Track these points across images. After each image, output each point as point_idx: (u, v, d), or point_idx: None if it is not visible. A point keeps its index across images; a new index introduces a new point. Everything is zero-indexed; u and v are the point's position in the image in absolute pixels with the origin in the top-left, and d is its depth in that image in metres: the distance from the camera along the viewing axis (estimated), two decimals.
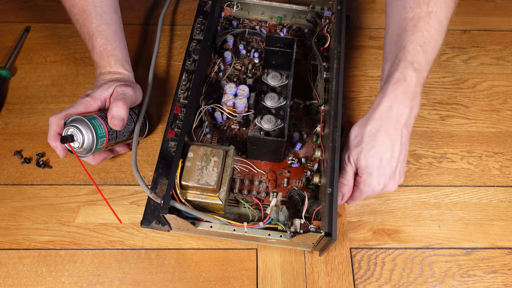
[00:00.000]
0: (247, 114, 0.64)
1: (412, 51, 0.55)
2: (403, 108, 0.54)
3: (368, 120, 0.55)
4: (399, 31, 0.57)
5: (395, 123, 0.54)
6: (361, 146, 0.54)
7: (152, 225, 0.58)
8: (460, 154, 0.68)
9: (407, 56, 0.55)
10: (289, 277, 0.58)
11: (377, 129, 0.54)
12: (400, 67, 0.54)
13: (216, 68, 0.71)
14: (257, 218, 0.59)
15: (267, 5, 0.75)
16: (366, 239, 0.61)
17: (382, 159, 0.53)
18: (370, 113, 0.55)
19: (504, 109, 0.73)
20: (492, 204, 0.64)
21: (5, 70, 0.72)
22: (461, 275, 0.59)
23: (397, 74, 0.54)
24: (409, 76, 0.54)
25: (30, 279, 0.57)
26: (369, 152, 0.54)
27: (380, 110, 0.54)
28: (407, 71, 0.54)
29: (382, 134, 0.53)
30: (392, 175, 0.54)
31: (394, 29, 0.58)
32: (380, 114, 0.54)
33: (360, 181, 0.55)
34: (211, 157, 0.55)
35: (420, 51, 0.55)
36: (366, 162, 0.54)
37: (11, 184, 0.64)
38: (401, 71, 0.54)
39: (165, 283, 0.57)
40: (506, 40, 0.81)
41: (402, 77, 0.54)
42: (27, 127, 0.69)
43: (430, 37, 0.55)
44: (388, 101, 0.54)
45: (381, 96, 0.55)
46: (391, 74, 0.55)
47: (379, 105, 0.54)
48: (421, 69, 0.55)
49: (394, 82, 0.54)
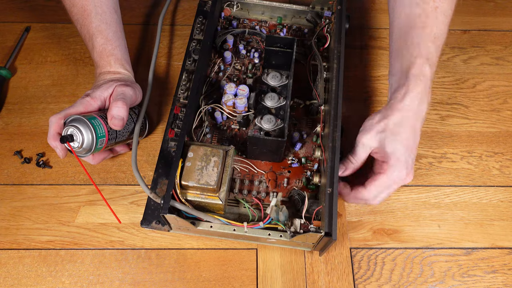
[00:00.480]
0: (247, 114, 0.64)
1: (425, 48, 0.56)
2: (424, 104, 0.56)
3: (392, 110, 0.55)
4: (407, 28, 0.58)
5: (417, 116, 0.55)
6: (386, 133, 0.54)
7: (152, 225, 0.58)
8: (460, 154, 0.68)
9: (423, 53, 0.56)
10: (289, 277, 0.58)
11: (402, 119, 0.55)
12: (417, 63, 0.56)
13: (216, 68, 0.71)
14: (257, 218, 0.59)
15: (267, 5, 0.75)
16: (366, 239, 0.61)
17: (407, 147, 0.54)
18: (393, 105, 0.56)
19: (504, 109, 0.73)
20: (492, 204, 0.64)
21: (5, 70, 0.72)
22: (461, 275, 0.59)
23: (416, 71, 0.56)
24: (426, 72, 0.56)
25: (30, 279, 0.57)
26: (395, 137, 0.54)
27: (404, 103, 0.55)
28: (425, 68, 0.56)
29: (407, 125, 0.55)
30: (412, 165, 0.55)
31: (401, 25, 0.59)
32: (404, 107, 0.55)
33: (387, 167, 0.54)
34: (211, 157, 0.55)
35: (432, 47, 0.57)
36: (393, 148, 0.54)
37: (11, 184, 0.64)
38: (419, 68, 0.56)
39: (165, 283, 0.57)
40: (506, 40, 0.81)
41: (421, 73, 0.56)
42: (27, 127, 0.69)
43: (439, 32, 0.57)
44: (411, 96, 0.55)
45: (404, 92, 0.55)
46: (409, 70, 0.56)
47: (403, 99, 0.55)
48: (433, 65, 0.57)
49: (414, 79, 0.55)
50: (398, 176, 0.54)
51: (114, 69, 0.62)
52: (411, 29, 0.58)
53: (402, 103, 0.55)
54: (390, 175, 0.54)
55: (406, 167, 0.54)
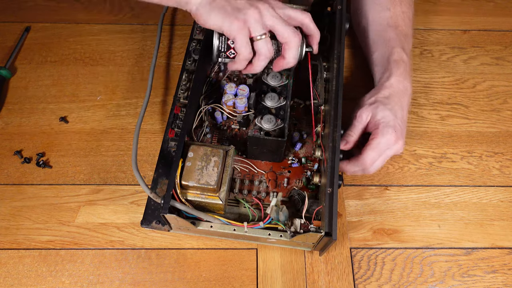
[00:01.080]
0: (247, 114, 0.64)
1: (399, 40, 0.67)
2: (406, 83, 0.64)
3: (380, 88, 0.63)
4: (382, 27, 0.69)
5: (404, 92, 0.63)
6: (377, 103, 0.61)
7: (152, 225, 0.58)
8: (460, 154, 0.68)
9: (398, 44, 0.66)
10: (289, 277, 0.58)
11: (390, 94, 0.62)
12: (395, 51, 0.66)
13: (216, 68, 0.71)
14: (257, 218, 0.59)
15: None
16: (366, 239, 0.61)
17: (396, 114, 0.60)
18: (381, 84, 0.64)
19: (504, 109, 0.73)
20: (492, 204, 0.64)
21: (5, 70, 0.72)
22: (461, 275, 0.59)
23: (395, 57, 0.65)
24: (404, 58, 0.65)
25: (30, 279, 0.57)
26: (385, 107, 0.60)
27: (390, 82, 0.63)
28: (402, 55, 0.65)
29: (395, 97, 0.62)
30: (402, 132, 0.60)
31: (376, 25, 0.70)
32: (391, 84, 0.63)
33: (378, 131, 0.59)
34: (211, 157, 0.55)
35: (404, 41, 0.67)
36: (383, 114, 0.59)
37: (11, 184, 0.64)
38: (398, 55, 0.65)
39: (165, 283, 0.57)
40: (506, 40, 0.81)
41: (400, 59, 0.65)
42: (27, 127, 0.69)
43: (408, 31, 0.69)
44: (395, 76, 0.63)
45: (388, 74, 0.64)
46: (390, 57, 0.65)
47: (388, 79, 0.63)
48: (408, 55, 0.67)
49: (396, 63, 0.64)
50: (389, 139, 0.59)
51: None
52: (386, 27, 0.69)
53: (388, 82, 0.63)
54: (381, 138, 0.58)
55: (395, 131, 0.59)
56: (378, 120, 0.59)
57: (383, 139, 0.58)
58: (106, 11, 0.82)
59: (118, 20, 0.81)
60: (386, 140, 0.58)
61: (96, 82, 0.73)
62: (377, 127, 0.59)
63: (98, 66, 0.75)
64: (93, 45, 0.78)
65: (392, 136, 0.58)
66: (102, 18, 0.81)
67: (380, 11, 0.70)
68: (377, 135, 0.59)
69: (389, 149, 0.59)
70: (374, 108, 0.60)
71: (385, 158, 0.60)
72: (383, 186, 0.65)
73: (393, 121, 0.59)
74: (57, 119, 0.69)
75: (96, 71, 0.74)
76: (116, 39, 0.78)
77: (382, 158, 0.60)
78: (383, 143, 0.58)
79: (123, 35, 0.79)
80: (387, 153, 0.60)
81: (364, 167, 0.60)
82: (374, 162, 0.59)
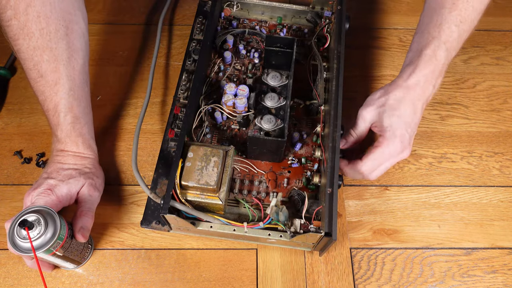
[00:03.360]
0: (247, 114, 0.64)
1: (447, 30, 0.56)
2: (429, 85, 0.56)
3: (395, 87, 0.57)
4: (435, 7, 0.58)
5: (420, 95, 0.56)
6: (385, 107, 0.56)
7: (152, 225, 0.58)
8: (460, 154, 0.68)
9: (442, 35, 0.56)
10: (289, 277, 0.58)
11: (402, 96, 0.56)
12: (432, 44, 0.56)
13: (216, 68, 0.71)
14: (257, 218, 0.59)
15: (267, 5, 0.75)
16: (366, 239, 0.61)
17: (405, 122, 0.55)
18: (397, 82, 0.57)
19: (504, 109, 0.73)
20: (492, 204, 0.64)
21: (5, 70, 0.72)
22: (461, 275, 0.59)
23: (428, 51, 0.56)
24: (439, 55, 0.56)
25: (30, 279, 0.57)
26: (393, 112, 0.55)
27: (408, 82, 0.56)
28: (439, 51, 0.56)
29: (407, 101, 0.56)
30: (409, 140, 0.56)
31: (431, 4, 0.59)
32: (408, 85, 0.56)
33: (383, 140, 0.56)
34: (211, 157, 0.55)
35: (455, 31, 0.56)
36: (390, 122, 0.55)
37: (11, 184, 0.64)
38: (433, 49, 0.56)
39: (165, 283, 0.57)
40: (506, 40, 0.81)
41: (433, 55, 0.56)
42: (27, 127, 0.69)
43: (467, 17, 0.56)
44: (417, 76, 0.56)
45: (411, 70, 0.56)
46: (423, 50, 0.56)
47: (408, 78, 0.56)
48: (452, 49, 0.57)
49: (425, 59, 0.56)
50: (394, 150, 0.56)
51: (80, 151, 0.58)
52: (438, 9, 0.57)
53: (407, 81, 0.56)
54: (385, 148, 0.56)
55: (402, 141, 0.55)
56: (384, 127, 0.56)
57: (387, 150, 0.55)
58: (106, 11, 0.82)
59: (118, 20, 0.81)
60: (390, 151, 0.56)
61: (96, 82, 0.73)
62: (382, 134, 0.56)
63: (98, 66, 0.75)
64: (93, 45, 0.78)
65: (397, 147, 0.55)
66: (102, 18, 0.81)
67: None
68: (381, 145, 0.56)
69: (393, 159, 0.57)
70: (381, 112, 0.56)
71: (386, 166, 0.57)
72: (383, 186, 0.65)
73: (401, 129, 0.55)
74: None
75: (96, 71, 0.74)
76: (116, 39, 0.78)
77: (383, 167, 0.57)
78: (386, 153, 0.56)
79: (123, 35, 0.79)
80: (390, 162, 0.57)
81: (363, 173, 0.58)
82: (373, 171, 0.57)
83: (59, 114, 0.56)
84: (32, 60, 0.54)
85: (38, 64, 0.54)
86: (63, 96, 0.56)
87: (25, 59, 0.54)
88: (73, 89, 0.57)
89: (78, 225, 0.53)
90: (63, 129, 0.57)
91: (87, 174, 0.57)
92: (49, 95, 0.56)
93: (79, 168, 0.57)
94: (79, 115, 0.57)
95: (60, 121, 0.56)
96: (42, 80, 0.55)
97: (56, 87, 0.55)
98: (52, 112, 0.56)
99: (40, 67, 0.54)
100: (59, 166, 0.57)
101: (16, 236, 0.48)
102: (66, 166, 0.57)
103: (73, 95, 0.57)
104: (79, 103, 0.58)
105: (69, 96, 0.56)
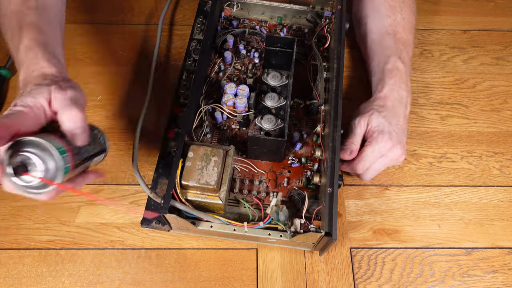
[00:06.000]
0: (247, 114, 0.64)
1: (396, 48, 0.66)
2: (402, 91, 0.63)
3: (375, 99, 0.62)
4: (380, 36, 0.68)
5: (399, 100, 0.62)
6: (372, 111, 0.60)
7: (152, 225, 0.58)
8: (460, 154, 0.68)
9: (395, 52, 0.65)
10: (289, 277, 0.58)
11: (384, 103, 0.61)
12: (391, 60, 0.65)
13: (216, 68, 0.71)
14: (257, 218, 0.59)
15: (267, 5, 0.75)
16: (366, 239, 0.61)
17: (391, 122, 0.59)
18: (376, 94, 0.63)
19: (504, 109, 0.73)
20: (492, 204, 0.64)
21: (5, 70, 0.72)
22: (461, 275, 0.59)
23: (389, 66, 0.64)
24: (400, 66, 0.64)
25: (30, 278, 0.57)
26: (380, 114, 0.60)
27: (383, 93, 0.62)
28: (397, 64, 0.64)
29: (389, 105, 0.61)
30: (398, 140, 0.59)
31: (375, 34, 0.69)
32: (385, 94, 0.62)
33: (371, 139, 0.58)
34: (211, 157, 0.55)
35: (403, 49, 0.66)
36: (378, 122, 0.59)
37: None
38: (392, 64, 0.64)
39: (165, 283, 0.57)
40: (506, 40, 0.81)
41: (395, 68, 0.64)
42: None
43: (408, 38, 0.68)
44: (389, 85, 0.63)
45: (382, 84, 0.63)
46: (384, 66, 0.65)
47: (382, 89, 0.63)
48: (406, 63, 0.65)
49: (390, 72, 0.64)
50: (383, 146, 0.58)
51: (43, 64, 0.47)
52: (384, 35, 0.67)
53: (382, 92, 0.63)
54: (375, 145, 0.58)
55: (390, 138, 0.58)
56: (373, 127, 0.59)
57: (376, 146, 0.58)
58: (106, 11, 0.82)
59: (118, 20, 0.81)
60: (380, 147, 0.58)
61: (96, 82, 0.73)
62: (371, 135, 0.59)
63: (98, 66, 0.75)
64: (93, 45, 0.78)
65: (387, 142, 0.58)
66: (102, 18, 0.81)
67: (380, 19, 0.69)
68: (371, 142, 0.58)
69: (384, 156, 0.58)
70: (370, 115, 0.60)
71: (379, 166, 0.59)
72: (383, 186, 0.65)
73: (388, 127, 0.58)
74: None
75: (96, 71, 0.74)
76: (116, 39, 0.78)
77: (375, 166, 0.59)
78: (376, 150, 0.58)
79: (123, 35, 0.79)
80: (383, 161, 0.59)
81: (358, 172, 0.60)
82: (366, 171, 0.59)
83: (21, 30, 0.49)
84: None
85: None
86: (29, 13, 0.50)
87: None
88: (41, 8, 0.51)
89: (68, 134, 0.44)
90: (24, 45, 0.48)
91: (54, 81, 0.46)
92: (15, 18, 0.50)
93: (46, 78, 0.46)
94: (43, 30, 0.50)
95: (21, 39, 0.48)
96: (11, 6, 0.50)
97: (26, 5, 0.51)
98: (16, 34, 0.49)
99: None
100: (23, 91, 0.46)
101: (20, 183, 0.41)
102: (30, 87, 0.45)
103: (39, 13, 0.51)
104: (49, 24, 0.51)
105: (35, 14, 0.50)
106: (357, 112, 0.62)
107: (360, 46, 0.74)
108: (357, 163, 0.59)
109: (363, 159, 0.58)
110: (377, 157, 0.58)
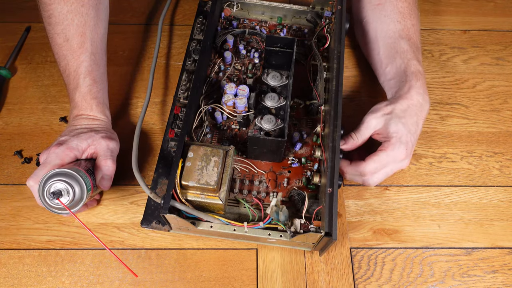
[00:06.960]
0: (247, 114, 0.64)
1: (413, 52, 0.65)
2: (427, 96, 0.62)
3: (399, 98, 0.61)
4: (393, 40, 0.67)
5: (421, 107, 0.61)
6: (391, 115, 0.59)
7: (152, 225, 0.58)
8: (460, 154, 0.68)
9: (413, 56, 0.64)
10: (289, 277, 0.58)
11: (408, 107, 0.60)
12: (412, 63, 0.64)
13: (216, 68, 0.71)
14: (257, 218, 0.59)
15: (267, 5, 0.75)
16: (366, 239, 0.61)
17: (410, 130, 0.58)
18: (401, 95, 0.61)
19: (504, 109, 0.73)
20: (492, 204, 0.64)
21: (5, 70, 0.72)
22: (461, 275, 0.59)
23: (413, 69, 0.63)
24: (421, 70, 0.64)
25: (30, 279, 0.57)
26: (400, 120, 0.58)
27: (410, 94, 0.61)
28: (419, 67, 0.64)
29: (412, 111, 0.60)
30: (412, 149, 0.59)
31: (387, 38, 0.67)
32: (411, 96, 0.61)
33: (388, 144, 0.58)
34: (211, 157, 0.55)
35: (417, 52, 0.66)
36: (397, 128, 0.58)
37: (11, 184, 0.64)
38: (415, 67, 0.63)
39: (165, 283, 0.57)
40: (506, 40, 0.81)
41: (417, 71, 0.63)
42: (27, 127, 0.69)
43: (419, 44, 0.68)
44: (416, 89, 0.61)
45: (408, 86, 0.62)
46: (407, 70, 0.63)
47: (409, 91, 0.61)
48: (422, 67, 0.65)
49: (414, 75, 0.63)
50: (398, 155, 0.57)
51: (93, 114, 0.60)
52: (398, 40, 0.66)
53: (409, 94, 0.61)
54: (390, 152, 0.57)
55: (406, 148, 0.57)
56: (391, 133, 0.58)
57: (391, 153, 0.57)
58: None
59: (118, 20, 0.81)
60: (395, 156, 0.57)
61: None
62: (388, 140, 0.58)
63: None
64: None
65: (402, 153, 0.57)
66: None
67: (390, 23, 0.68)
68: (387, 149, 0.57)
69: (394, 164, 0.58)
70: (388, 119, 0.58)
71: (387, 172, 0.59)
72: (383, 186, 0.65)
73: (406, 136, 0.58)
74: (57, 119, 0.69)
75: None
76: (116, 39, 0.78)
77: (384, 171, 0.59)
78: (390, 157, 0.57)
79: (123, 35, 0.79)
80: (391, 168, 0.59)
81: (363, 175, 0.59)
82: (374, 174, 0.59)
83: (79, 76, 0.59)
84: (62, 24, 0.59)
85: (66, 28, 0.59)
86: (85, 59, 0.60)
87: (55, 24, 0.59)
88: (95, 54, 0.61)
89: (99, 176, 0.56)
90: (81, 91, 0.59)
91: (98, 131, 0.59)
92: (71, 58, 0.60)
93: (91, 127, 0.59)
94: (97, 79, 0.61)
95: (79, 82, 0.59)
96: (67, 44, 0.59)
97: (80, 50, 0.59)
98: (72, 75, 0.60)
99: (68, 31, 0.59)
100: (72, 128, 0.59)
101: (47, 201, 0.51)
102: (79, 127, 0.59)
103: (94, 59, 0.60)
104: (98, 68, 0.61)
105: (90, 59, 0.60)
106: (373, 109, 0.61)
107: (363, 48, 0.74)
108: (368, 165, 0.58)
109: (375, 161, 0.58)
110: (389, 163, 0.58)
